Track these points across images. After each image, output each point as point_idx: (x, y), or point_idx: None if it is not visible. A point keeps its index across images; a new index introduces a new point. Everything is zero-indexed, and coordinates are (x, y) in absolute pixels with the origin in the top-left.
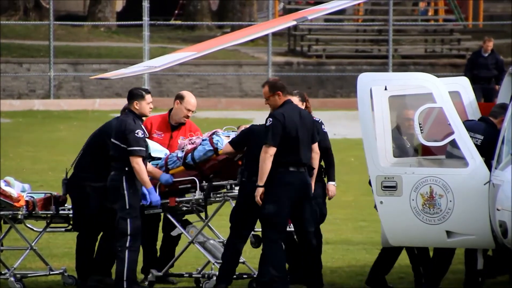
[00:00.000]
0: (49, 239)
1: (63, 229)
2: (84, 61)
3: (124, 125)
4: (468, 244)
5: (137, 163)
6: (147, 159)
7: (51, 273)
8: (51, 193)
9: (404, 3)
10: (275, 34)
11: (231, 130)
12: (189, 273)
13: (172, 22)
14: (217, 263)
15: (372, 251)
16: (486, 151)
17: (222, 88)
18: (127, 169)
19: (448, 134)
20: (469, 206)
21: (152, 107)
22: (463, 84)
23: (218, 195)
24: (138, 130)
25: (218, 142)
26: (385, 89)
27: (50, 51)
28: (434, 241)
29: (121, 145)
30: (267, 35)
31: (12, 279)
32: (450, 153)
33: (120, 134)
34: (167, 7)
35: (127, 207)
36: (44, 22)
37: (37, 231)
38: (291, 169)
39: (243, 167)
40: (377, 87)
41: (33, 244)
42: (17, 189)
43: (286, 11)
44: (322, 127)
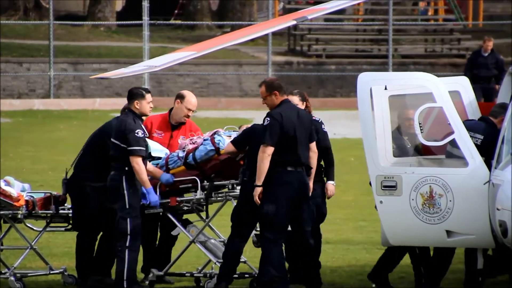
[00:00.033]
0: (49, 238)
1: (63, 228)
2: (84, 60)
3: (124, 125)
4: (468, 244)
5: (137, 163)
6: (147, 158)
7: (51, 272)
8: (51, 193)
9: (404, 3)
10: (275, 34)
11: (232, 130)
12: (190, 272)
13: (172, 21)
14: (218, 262)
15: (372, 251)
16: (486, 150)
17: (222, 87)
18: (127, 168)
19: (448, 133)
20: (469, 205)
21: (152, 106)
22: (463, 84)
23: (220, 194)
24: (138, 130)
25: (220, 142)
26: (385, 88)
27: (50, 50)
28: (434, 240)
29: (121, 144)
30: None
31: (12, 278)
32: (450, 153)
33: (120, 134)
34: (167, 7)
35: (127, 206)
36: (44, 21)
37: (37, 230)
38: (289, 168)
39: (244, 166)
40: (377, 86)
41: (33, 244)
42: (17, 189)
43: (286, 11)
44: (322, 126)
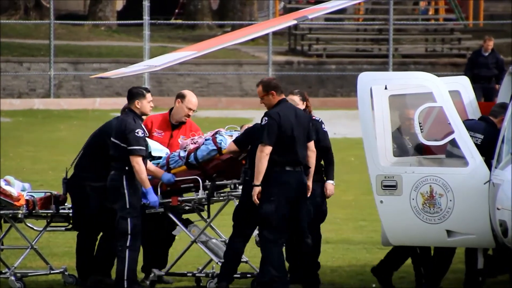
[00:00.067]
0: (49, 238)
1: (64, 228)
2: (85, 60)
3: (124, 124)
4: (468, 244)
5: (137, 163)
6: (147, 158)
7: (51, 272)
8: (51, 192)
9: (404, 3)
10: (275, 33)
11: (234, 130)
12: (192, 272)
13: (172, 21)
14: (220, 262)
15: (372, 251)
16: (486, 150)
17: (223, 87)
18: (127, 168)
19: (448, 133)
20: (469, 205)
21: (152, 105)
22: (463, 84)
23: (222, 194)
24: (138, 130)
25: (222, 142)
26: (385, 88)
27: (50, 50)
28: (435, 240)
29: (121, 144)
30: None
31: (13, 278)
32: (450, 153)
33: (120, 134)
34: (168, 6)
35: (127, 206)
36: (45, 21)
37: (38, 230)
38: (287, 168)
39: (247, 166)
40: (378, 86)
41: (33, 243)
42: (17, 188)
43: (287, 10)
44: (322, 126)
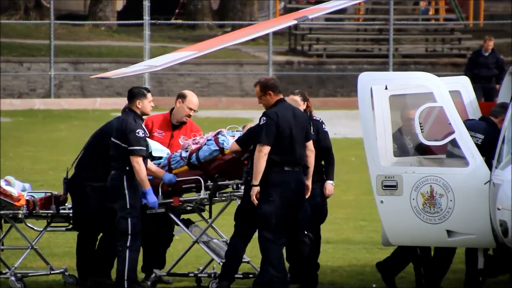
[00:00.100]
0: (49, 238)
1: (64, 228)
2: (85, 60)
3: (125, 124)
4: (468, 244)
5: (137, 163)
6: (147, 158)
7: (51, 272)
8: (51, 193)
9: (405, 2)
10: (275, 33)
11: (235, 130)
12: (193, 272)
13: (172, 21)
14: (222, 262)
15: (372, 251)
16: (487, 150)
17: (223, 87)
18: (127, 168)
19: (448, 133)
20: (470, 205)
21: (153, 105)
22: (463, 84)
23: (224, 194)
24: (138, 130)
25: (224, 142)
26: (386, 88)
27: (50, 50)
28: (435, 240)
29: (122, 144)
30: (267, 35)
31: (13, 278)
32: (450, 153)
33: (121, 134)
34: (168, 6)
35: (128, 206)
36: (45, 21)
37: (38, 230)
38: (286, 168)
39: (249, 166)
40: (378, 86)
41: (33, 244)
42: (18, 189)
43: (287, 10)
44: (323, 126)
